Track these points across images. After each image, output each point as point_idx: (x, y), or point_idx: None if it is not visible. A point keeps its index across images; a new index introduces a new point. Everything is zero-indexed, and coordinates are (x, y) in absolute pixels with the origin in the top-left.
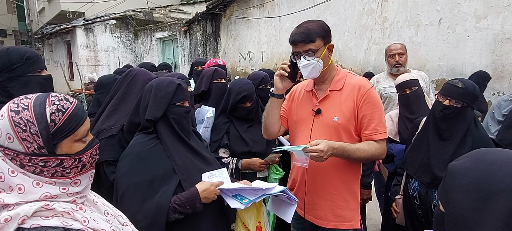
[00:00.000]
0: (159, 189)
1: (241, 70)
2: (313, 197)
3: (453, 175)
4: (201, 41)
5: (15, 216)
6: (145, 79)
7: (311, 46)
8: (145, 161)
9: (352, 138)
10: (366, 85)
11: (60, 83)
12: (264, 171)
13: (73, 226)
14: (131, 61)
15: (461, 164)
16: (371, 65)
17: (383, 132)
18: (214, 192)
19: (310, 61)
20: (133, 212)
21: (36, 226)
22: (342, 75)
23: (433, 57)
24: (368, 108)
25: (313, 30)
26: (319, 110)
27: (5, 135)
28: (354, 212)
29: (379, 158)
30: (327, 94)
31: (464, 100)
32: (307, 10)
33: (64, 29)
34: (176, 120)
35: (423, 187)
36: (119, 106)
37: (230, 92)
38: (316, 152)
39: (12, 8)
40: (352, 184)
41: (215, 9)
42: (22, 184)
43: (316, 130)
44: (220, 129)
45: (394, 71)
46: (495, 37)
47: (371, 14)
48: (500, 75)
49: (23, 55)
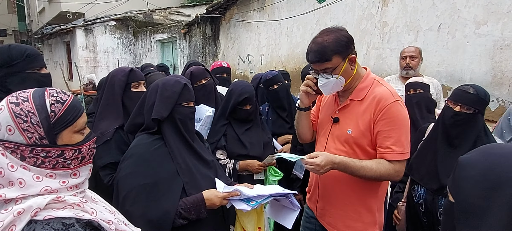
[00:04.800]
0: (163, 192)
1: (240, 73)
2: (325, 204)
3: (463, 167)
4: (200, 43)
5: (28, 208)
6: (120, 77)
7: (328, 64)
8: (150, 163)
9: (366, 152)
10: (388, 99)
11: (59, 83)
12: (261, 173)
13: (84, 217)
14: (130, 62)
15: (470, 157)
16: (370, 70)
17: (400, 153)
18: (219, 201)
19: (329, 80)
20: (137, 214)
21: (49, 218)
22: (367, 84)
23: (432, 63)
24: (385, 124)
25: (329, 48)
26: (337, 118)
27: (5, 127)
28: (367, 226)
29: (391, 180)
30: (347, 103)
31: (476, 106)
32: (307, 14)
33: (64, 30)
34: (182, 121)
35: (429, 194)
36: (106, 111)
37: (231, 94)
38: (311, 165)
39: (13, 8)
40: (367, 197)
41: (215, 12)
42: (22, 178)
43: (331, 140)
44: (218, 130)
45: (404, 74)
46: (495, 44)
47: (370, 19)
48: (499, 81)
49: (23, 52)
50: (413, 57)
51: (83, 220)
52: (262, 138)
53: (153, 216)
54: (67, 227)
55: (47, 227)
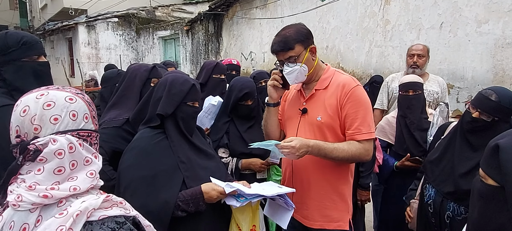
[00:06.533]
0: (163, 185)
1: (243, 70)
2: (301, 196)
3: (506, 150)
4: (203, 40)
5: (84, 210)
6: (142, 71)
7: (291, 53)
8: (151, 155)
9: (338, 137)
10: (351, 84)
11: (60, 80)
12: (264, 172)
13: (130, 213)
14: (133, 59)
15: (509, 140)
16: (373, 68)
17: (367, 132)
18: (216, 195)
19: (293, 68)
20: (137, 205)
21: (103, 217)
22: (329, 74)
23: (433, 61)
24: (352, 107)
25: (291, 37)
26: (305, 109)
27: (82, 115)
28: (342, 213)
29: (362, 159)
30: (312, 93)
31: (495, 115)
32: (309, 11)
33: (66, 26)
34: (183, 119)
35: (439, 196)
36: (120, 101)
37: (232, 90)
38: (287, 148)
39: (15, 4)
40: (339, 184)
41: (218, 9)
42: (94, 170)
43: (302, 129)
44: (220, 128)
45: (410, 72)
46: (496, 42)
47: (373, 17)
48: (501, 80)
49: (20, 40)
50: (421, 56)
51: (130, 217)
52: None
53: (153, 207)
54: (121, 225)
55: (104, 227)
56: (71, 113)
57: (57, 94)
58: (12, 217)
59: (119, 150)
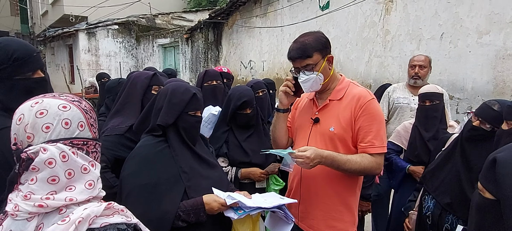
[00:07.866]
0: (164, 193)
1: (242, 78)
2: (307, 206)
3: (503, 164)
4: (202, 48)
5: (86, 217)
6: (143, 78)
7: (309, 61)
8: (153, 164)
9: (349, 149)
10: (367, 96)
11: (60, 86)
12: (263, 181)
13: (131, 221)
14: (132, 66)
15: (507, 154)
16: (372, 77)
17: (380, 146)
18: (217, 206)
19: (309, 76)
20: (138, 213)
21: (105, 224)
22: (344, 85)
23: (434, 72)
24: (366, 120)
25: (309, 45)
26: (317, 119)
27: (77, 123)
28: (348, 225)
29: (373, 173)
30: (326, 103)
31: (495, 124)
32: (309, 21)
33: (66, 33)
34: (185, 129)
35: (437, 208)
36: (123, 108)
37: (230, 99)
38: (301, 158)
39: (16, 10)
40: (347, 196)
41: (218, 17)
42: (92, 180)
43: (313, 139)
44: (219, 137)
45: (411, 83)
46: (497, 53)
47: (373, 27)
48: (501, 91)
49: (11, 55)
50: (423, 67)
51: (131, 225)
52: (264, 145)
53: (153, 216)
54: None
55: None
56: (63, 121)
57: (50, 102)
58: (10, 226)
59: (121, 158)
